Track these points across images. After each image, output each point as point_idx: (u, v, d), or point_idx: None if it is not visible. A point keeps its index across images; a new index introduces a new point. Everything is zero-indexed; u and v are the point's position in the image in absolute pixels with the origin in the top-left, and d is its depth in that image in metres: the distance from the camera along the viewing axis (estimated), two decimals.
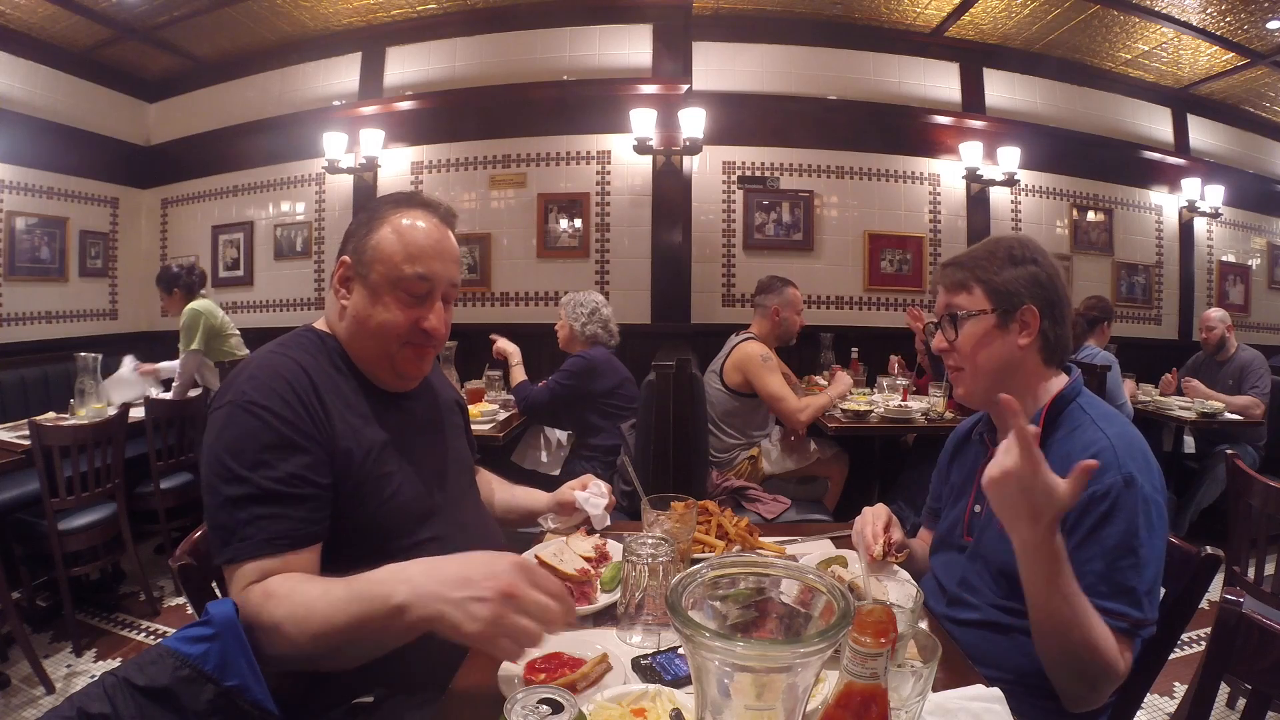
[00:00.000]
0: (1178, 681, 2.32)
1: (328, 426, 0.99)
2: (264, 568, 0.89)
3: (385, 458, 1.05)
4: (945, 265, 1.21)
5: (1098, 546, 0.97)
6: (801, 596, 0.61)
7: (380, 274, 1.06)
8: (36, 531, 2.47)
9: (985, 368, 1.14)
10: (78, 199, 4.50)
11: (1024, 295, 1.12)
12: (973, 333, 1.14)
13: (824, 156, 4.38)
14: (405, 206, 1.11)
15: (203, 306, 3.47)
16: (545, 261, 4.27)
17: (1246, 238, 5.47)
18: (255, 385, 0.97)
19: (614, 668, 0.87)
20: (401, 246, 1.06)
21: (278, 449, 0.93)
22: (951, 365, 1.20)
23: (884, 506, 1.21)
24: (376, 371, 1.11)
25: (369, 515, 1.01)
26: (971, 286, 1.15)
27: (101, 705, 0.69)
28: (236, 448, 0.92)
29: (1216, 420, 3.45)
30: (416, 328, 1.08)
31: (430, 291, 1.08)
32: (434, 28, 4.36)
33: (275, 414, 0.94)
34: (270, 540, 0.90)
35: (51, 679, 2.26)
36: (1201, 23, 4.16)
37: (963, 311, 1.15)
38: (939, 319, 1.21)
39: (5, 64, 4.03)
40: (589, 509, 1.33)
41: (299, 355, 1.05)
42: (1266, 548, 1.93)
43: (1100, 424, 1.07)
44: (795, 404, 2.79)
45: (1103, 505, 0.97)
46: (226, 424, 0.94)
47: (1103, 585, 0.95)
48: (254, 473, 0.91)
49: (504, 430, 2.82)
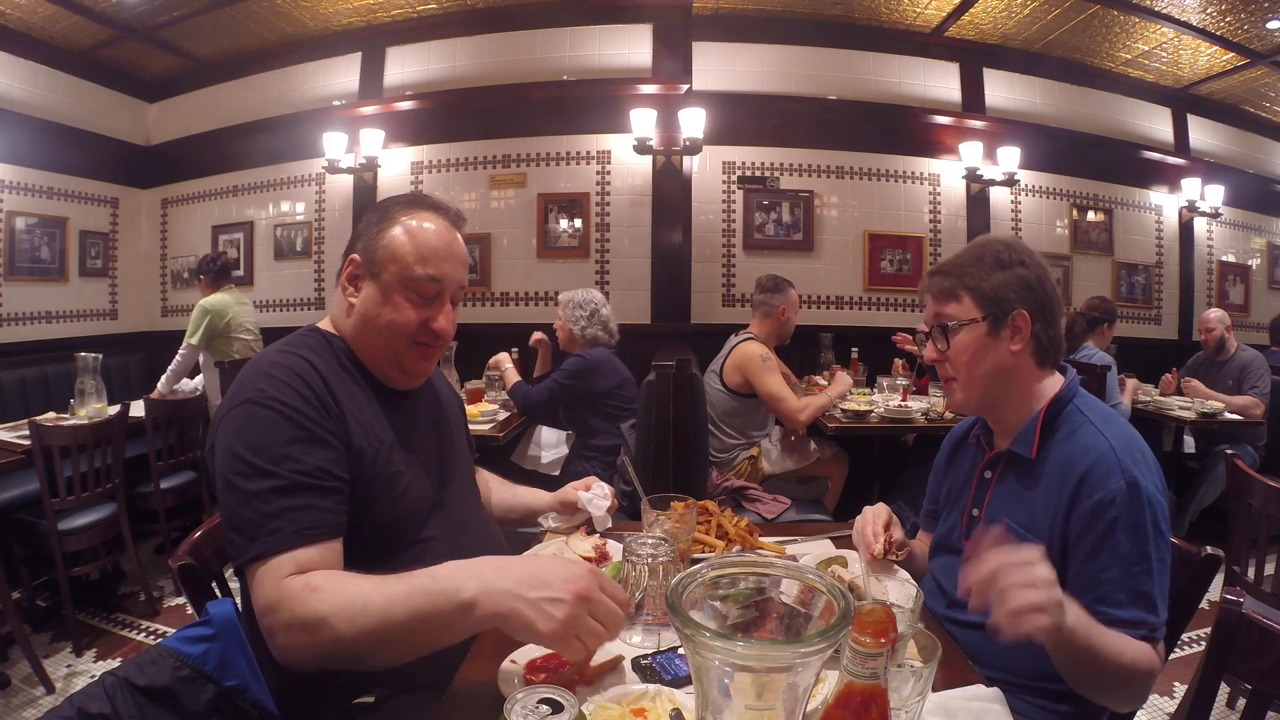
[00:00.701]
0: (1178, 681, 2.32)
1: (343, 424, 1.00)
2: (298, 559, 0.87)
3: (394, 456, 1.06)
4: (932, 274, 1.19)
5: (1110, 555, 0.96)
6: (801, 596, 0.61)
7: (392, 273, 1.07)
8: (36, 531, 2.47)
9: (979, 376, 1.13)
10: (78, 199, 4.50)
11: (1014, 300, 1.10)
12: (964, 342, 1.13)
13: (824, 156, 4.38)
14: (416, 208, 1.12)
15: (213, 304, 3.53)
16: (545, 261, 4.27)
17: (1246, 238, 5.47)
18: (272, 382, 0.97)
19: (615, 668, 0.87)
20: (414, 247, 1.07)
21: (302, 443, 0.93)
22: (945, 375, 1.19)
23: (884, 506, 1.21)
24: (383, 369, 1.12)
25: (379, 513, 1.02)
26: (960, 295, 1.13)
27: (101, 705, 0.69)
28: (259, 443, 0.92)
29: (1216, 420, 3.45)
30: (426, 328, 1.09)
31: (440, 293, 1.10)
32: (434, 28, 4.36)
33: (296, 409, 0.95)
34: (302, 531, 0.88)
35: (51, 679, 2.26)
36: (1201, 23, 4.16)
37: (953, 322, 1.14)
38: (929, 329, 1.19)
39: (5, 64, 4.03)
40: (591, 510, 1.33)
41: (309, 355, 1.06)
42: (1266, 548, 1.93)
43: (1099, 425, 1.06)
44: (795, 404, 2.79)
45: (1110, 512, 0.97)
46: (245, 421, 0.94)
47: (1119, 593, 0.95)
48: (279, 466, 0.90)
49: (504, 430, 2.82)
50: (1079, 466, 1.01)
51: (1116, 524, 0.96)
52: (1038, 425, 1.10)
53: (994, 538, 0.82)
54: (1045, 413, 1.11)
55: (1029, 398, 1.13)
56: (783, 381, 2.87)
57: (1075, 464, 1.02)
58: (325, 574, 0.86)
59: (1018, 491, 1.10)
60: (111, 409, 2.80)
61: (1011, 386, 1.13)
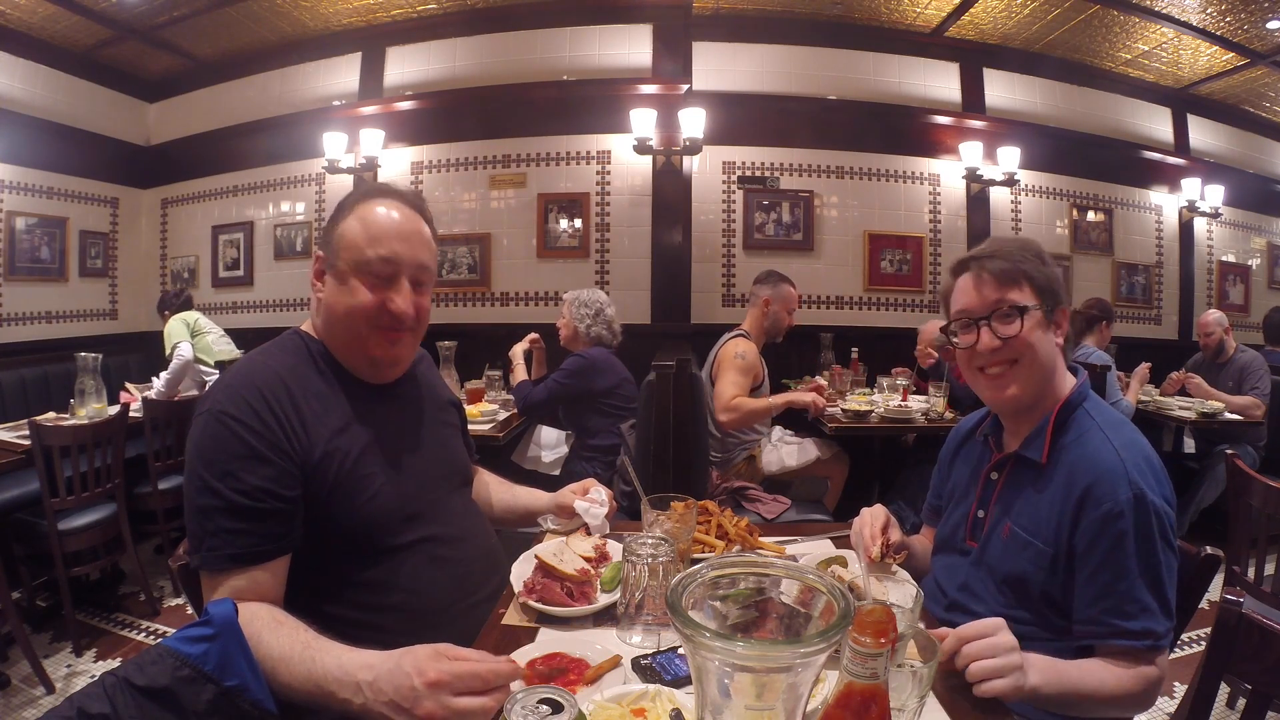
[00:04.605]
0: (1178, 681, 2.32)
1: (301, 436, 1.00)
2: (231, 584, 0.93)
3: (366, 460, 1.06)
4: (984, 257, 1.13)
5: (1118, 569, 0.96)
6: (801, 596, 0.61)
7: (346, 260, 1.07)
8: (36, 531, 2.47)
9: (1040, 368, 1.11)
10: (78, 199, 4.50)
11: (1060, 294, 1.12)
12: (1031, 327, 1.09)
13: (824, 156, 4.38)
14: (371, 197, 1.13)
15: (180, 317, 3.75)
16: (545, 261, 4.27)
17: (1246, 238, 5.47)
18: (229, 395, 0.99)
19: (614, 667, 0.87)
20: (364, 230, 1.08)
21: (244, 459, 0.95)
22: (1002, 361, 1.11)
23: (882, 507, 1.20)
24: (352, 361, 1.12)
25: (349, 518, 1.02)
26: (1021, 281, 1.10)
27: (101, 705, 0.69)
28: (208, 457, 0.95)
29: (1216, 420, 3.45)
30: (384, 309, 1.08)
31: (396, 274, 1.09)
32: (434, 28, 4.36)
33: (245, 425, 0.96)
34: (233, 557, 0.93)
35: (51, 679, 2.26)
36: (1201, 23, 4.16)
37: (1031, 304, 1.09)
38: (987, 313, 1.11)
39: (5, 64, 4.03)
40: (588, 519, 1.33)
41: (280, 360, 1.07)
42: (1266, 548, 1.93)
43: (1107, 432, 1.06)
44: (725, 401, 2.71)
45: (1118, 525, 0.96)
46: (202, 433, 0.97)
47: (1128, 605, 0.95)
48: (222, 483, 0.94)
49: (504, 430, 2.82)
50: (1086, 477, 1.01)
51: (1124, 537, 0.96)
52: (1049, 428, 1.09)
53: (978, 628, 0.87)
54: (1057, 415, 1.10)
55: (1053, 396, 1.13)
56: (738, 380, 2.76)
57: (1082, 473, 1.02)
58: (250, 617, 0.87)
59: (1024, 495, 1.10)
60: (111, 409, 2.80)
61: (1053, 382, 1.13)
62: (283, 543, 0.98)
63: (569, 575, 1.07)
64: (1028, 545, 1.05)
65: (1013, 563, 1.06)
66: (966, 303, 1.14)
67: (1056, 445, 1.08)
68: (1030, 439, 1.11)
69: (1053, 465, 1.07)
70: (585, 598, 1.07)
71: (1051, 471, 1.07)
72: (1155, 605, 0.95)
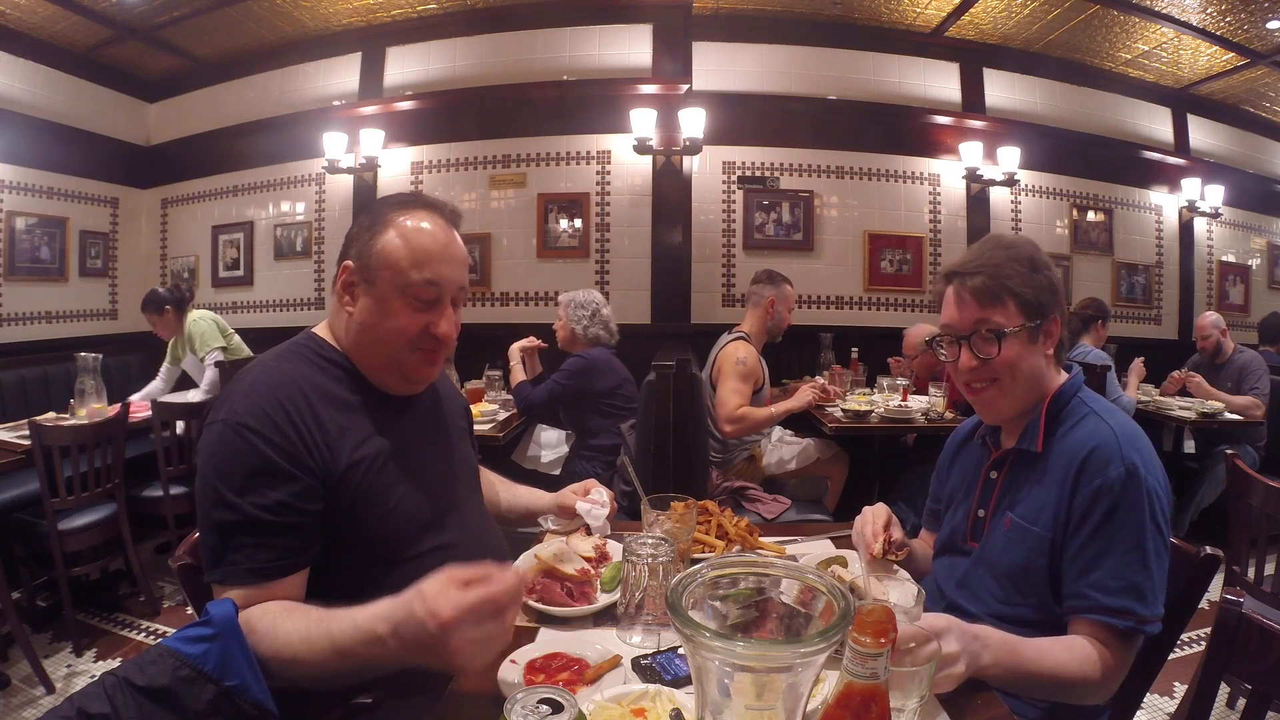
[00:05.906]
0: (1178, 681, 2.32)
1: (322, 449, 0.98)
2: (248, 596, 0.91)
3: (387, 469, 1.04)
4: (965, 274, 1.10)
5: (1105, 542, 0.97)
6: (801, 596, 0.61)
7: (387, 280, 1.03)
8: (36, 531, 2.47)
9: (1024, 382, 1.10)
10: (78, 199, 4.50)
11: (1049, 305, 1.09)
12: (1013, 348, 1.08)
13: (824, 156, 4.38)
14: (409, 208, 1.08)
15: (201, 314, 3.57)
16: (545, 261, 4.27)
17: (1246, 238, 5.47)
18: (248, 406, 0.95)
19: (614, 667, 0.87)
20: (408, 251, 1.03)
21: (266, 475, 0.93)
22: (982, 380, 1.12)
23: (883, 506, 1.20)
24: (384, 378, 1.10)
25: (370, 529, 1.01)
26: (1004, 299, 1.08)
27: (101, 705, 0.69)
28: (226, 471, 0.92)
29: (1216, 420, 3.45)
30: (427, 333, 1.05)
31: (439, 297, 1.06)
32: (434, 28, 4.36)
33: (265, 439, 0.93)
34: (254, 570, 0.91)
35: (51, 679, 2.26)
36: (1201, 23, 4.16)
37: (1010, 328, 1.07)
38: (967, 333, 1.11)
39: (5, 64, 4.03)
40: (589, 520, 1.33)
41: (296, 369, 1.04)
42: (1266, 548, 1.93)
43: (1103, 415, 1.07)
44: (729, 413, 2.68)
45: (1109, 498, 0.97)
46: (218, 444, 0.94)
47: (1111, 581, 0.95)
48: (242, 499, 0.91)
49: (504, 430, 2.82)
50: (1081, 452, 1.02)
51: (1114, 511, 0.97)
52: (1042, 418, 1.10)
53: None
54: (1049, 406, 1.11)
55: (1040, 395, 1.13)
56: (740, 388, 2.73)
57: (1078, 450, 1.03)
58: (262, 613, 0.88)
59: (1024, 488, 1.10)
60: (111, 409, 2.80)
61: (1038, 389, 1.13)
62: (303, 556, 0.96)
63: (569, 575, 1.07)
64: (1027, 533, 1.05)
65: (1014, 554, 1.07)
66: (949, 318, 1.14)
67: (1052, 435, 1.09)
68: (1025, 432, 1.12)
69: (1050, 453, 1.08)
70: (585, 598, 1.07)
71: (1049, 459, 1.08)
72: (1138, 585, 0.94)
